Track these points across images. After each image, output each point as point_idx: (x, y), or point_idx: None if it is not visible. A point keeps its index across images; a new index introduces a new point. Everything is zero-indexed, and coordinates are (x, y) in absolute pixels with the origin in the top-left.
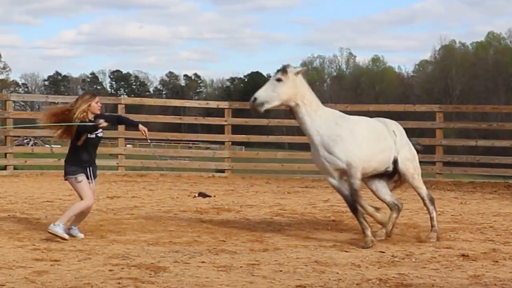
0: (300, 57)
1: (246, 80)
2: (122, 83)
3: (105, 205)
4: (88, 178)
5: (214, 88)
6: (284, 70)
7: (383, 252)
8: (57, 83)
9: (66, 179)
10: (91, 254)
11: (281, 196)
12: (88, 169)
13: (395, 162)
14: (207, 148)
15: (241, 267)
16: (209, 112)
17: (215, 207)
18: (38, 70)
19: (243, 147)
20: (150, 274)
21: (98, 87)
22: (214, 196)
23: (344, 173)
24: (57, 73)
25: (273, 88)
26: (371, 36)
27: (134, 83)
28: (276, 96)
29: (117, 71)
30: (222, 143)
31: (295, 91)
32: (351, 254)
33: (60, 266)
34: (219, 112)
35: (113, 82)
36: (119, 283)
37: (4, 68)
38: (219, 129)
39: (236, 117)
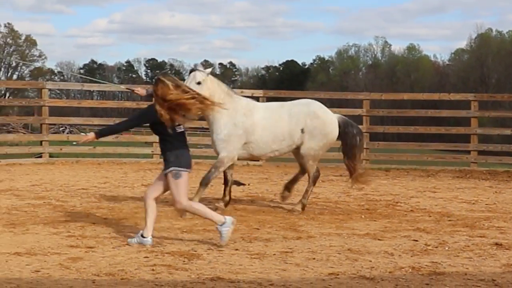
0: (335, 45)
1: (281, 68)
2: (158, 71)
3: (139, 192)
4: None
5: (249, 77)
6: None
7: (417, 240)
8: (93, 71)
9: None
10: (126, 241)
11: (316, 184)
12: None
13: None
14: None
15: (274, 254)
16: None
17: (249, 195)
18: (74, 58)
19: None
20: (184, 261)
21: (134, 75)
22: (249, 185)
23: None
24: (93, 61)
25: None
26: (403, 25)
27: (169, 72)
28: None
29: (152, 59)
30: None
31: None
32: (384, 243)
33: (94, 253)
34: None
35: (149, 71)
36: (153, 269)
37: (39, 56)
38: None
39: None
